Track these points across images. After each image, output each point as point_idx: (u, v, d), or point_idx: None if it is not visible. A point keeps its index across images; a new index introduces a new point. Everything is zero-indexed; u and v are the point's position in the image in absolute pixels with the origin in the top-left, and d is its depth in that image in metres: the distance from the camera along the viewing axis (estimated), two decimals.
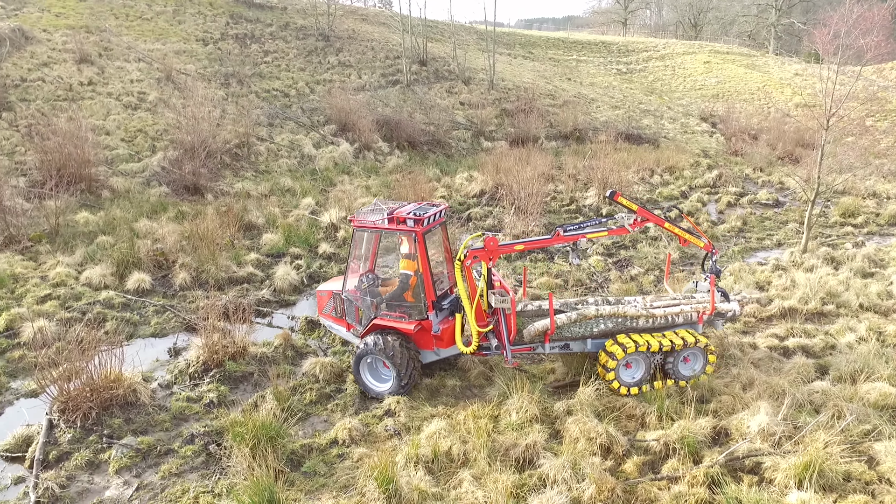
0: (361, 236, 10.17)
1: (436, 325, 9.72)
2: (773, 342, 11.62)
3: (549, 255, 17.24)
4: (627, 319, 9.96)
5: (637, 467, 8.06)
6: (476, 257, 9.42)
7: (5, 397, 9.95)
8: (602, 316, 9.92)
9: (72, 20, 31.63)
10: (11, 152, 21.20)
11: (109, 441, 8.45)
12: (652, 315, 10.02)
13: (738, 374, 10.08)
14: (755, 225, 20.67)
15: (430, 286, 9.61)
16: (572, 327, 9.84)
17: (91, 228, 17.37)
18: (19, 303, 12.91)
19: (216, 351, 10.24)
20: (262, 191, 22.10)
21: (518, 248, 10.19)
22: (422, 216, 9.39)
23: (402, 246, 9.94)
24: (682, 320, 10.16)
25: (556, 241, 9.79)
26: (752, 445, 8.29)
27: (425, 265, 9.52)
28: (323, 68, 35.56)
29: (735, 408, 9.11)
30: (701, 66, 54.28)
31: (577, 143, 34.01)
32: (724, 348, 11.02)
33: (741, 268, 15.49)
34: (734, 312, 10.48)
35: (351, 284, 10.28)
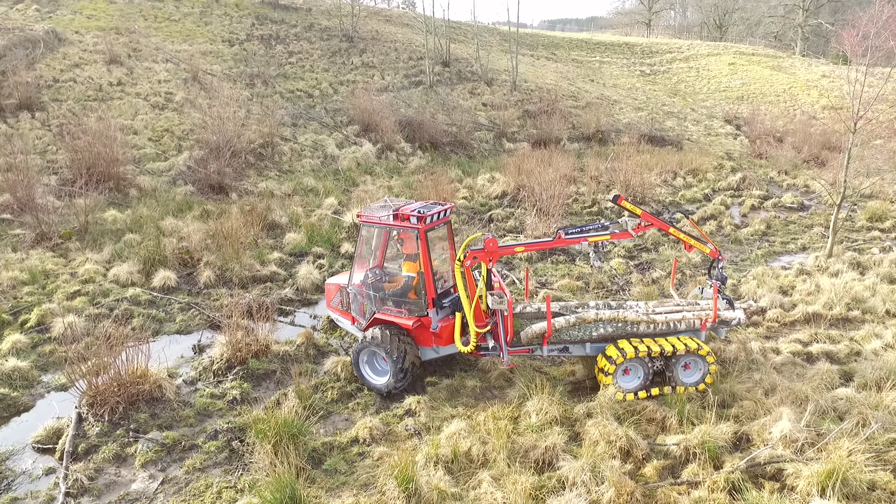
0: (369, 232, 10.36)
1: (435, 323, 9.80)
2: (796, 347, 11.50)
3: (571, 258, 17.22)
4: (628, 324, 9.92)
5: (657, 471, 8.04)
6: (476, 258, 9.51)
7: (37, 390, 10.20)
8: (601, 320, 9.90)
9: (102, 22, 32.22)
10: (44, 151, 21.66)
11: (136, 435, 8.65)
12: (652, 321, 9.94)
13: (760, 379, 9.99)
14: (779, 229, 20.44)
15: (431, 283, 9.71)
16: (571, 330, 9.84)
17: (119, 226, 17.70)
18: (50, 298, 13.21)
19: (239, 349, 10.40)
20: (286, 190, 22.33)
21: (518, 249, 10.28)
22: (425, 214, 9.49)
23: (406, 246, 10.05)
24: (685, 327, 10.07)
25: (557, 243, 9.83)
26: (774, 451, 8.22)
27: (426, 262, 9.61)
28: (346, 69, 35.80)
29: (757, 413, 9.04)
30: (726, 67, 53.71)
31: (600, 144, 33.88)
32: (747, 353, 10.93)
33: (764, 272, 15.33)
34: (739, 321, 10.31)
35: (357, 279, 10.43)
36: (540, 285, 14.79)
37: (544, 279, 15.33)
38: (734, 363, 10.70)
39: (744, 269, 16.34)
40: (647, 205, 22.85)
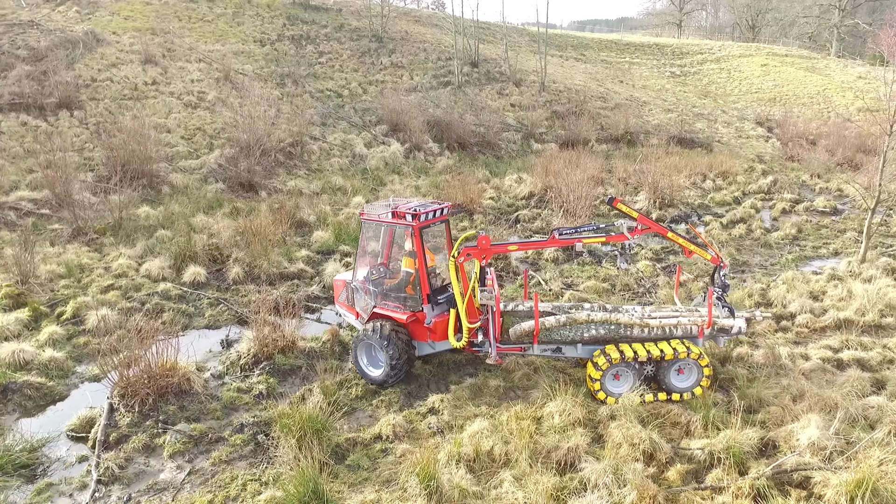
0: (370, 229, 10.65)
1: (430, 318, 9.98)
2: (826, 354, 11.30)
3: (598, 259, 17.13)
4: (621, 327, 9.81)
5: (680, 476, 7.98)
6: (469, 255, 9.64)
7: (71, 380, 10.49)
8: (593, 322, 9.82)
9: (139, 23, 32.89)
10: (81, 148, 22.20)
11: (164, 426, 8.84)
12: (646, 325, 9.80)
13: (787, 385, 9.84)
14: (811, 233, 20.08)
15: (425, 279, 9.90)
16: (562, 330, 9.79)
17: (151, 222, 18.07)
18: (85, 292, 13.55)
19: (266, 344, 10.56)
20: (314, 189, 22.57)
21: (511, 248, 10.34)
22: (419, 212, 9.70)
23: (406, 243, 10.26)
24: (681, 333, 9.91)
25: (551, 243, 9.94)
26: (801, 459, 8.11)
27: (421, 258, 9.81)
28: (376, 69, 36.03)
29: (784, 420, 8.92)
30: (758, 69, 52.87)
31: (628, 146, 33.63)
32: (775, 358, 10.77)
33: (794, 276, 15.08)
34: (740, 329, 10.09)
35: (361, 275, 10.69)
36: (566, 286, 14.74)
37: (570, 280, 15.29)
38: (761, 368, 10.56)
39: (773, 273, 16.09)
40: (675, 207, 22.62)
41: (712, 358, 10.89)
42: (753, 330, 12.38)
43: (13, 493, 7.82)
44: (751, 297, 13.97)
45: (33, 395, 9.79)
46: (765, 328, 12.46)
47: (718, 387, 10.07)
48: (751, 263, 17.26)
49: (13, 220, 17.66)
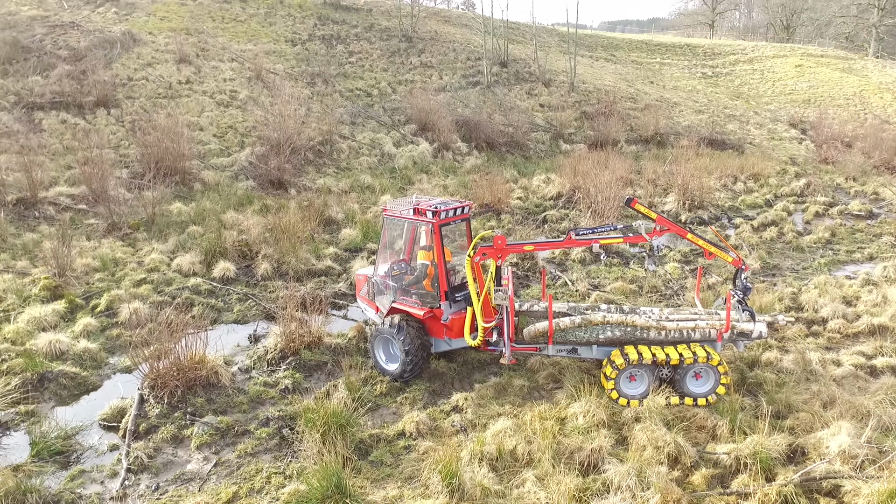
0: (392, 224, 10.77)
1: (447, 315, 10.02)
2: (859, 360, 11.06)
3: (625, 260, 16.99)
4: (637, 329, 9.69)
5: (705, 480, 7.89)
6: (485, 254, 9.66)
7: (104, 371, 10.75)
8: (609, 323, 9.68)
9: (174, 23, 33.50)
10: (117, 146, 22.70)
11: (192, 418, 9.01)
12: (662, 327, 9.67)
13: (818, 391, 9.67)
14: (845, 237, 19.65)
15: (444, 276, 9.95)
16: (577, 331, 9.74)
17: (183, 218, 18.40)
18: (118, 285, 13.87)
19: (293, 340, 10.70)
20: (343, 187, 22.76)
21: (527, 248, 10.30)
22: (440, 209, 9.77)
23: (421, 238, 10.39)
24: (699, 336, 9.74)
25: (567, 244, 9.85)
26: (831, 467, 7.96)
27: (440, 256, 9.84)
28: (405, 69, 36.18)
29: (814, 426, 8.76)
30: (792, 69, 51.91)
31: (658, 147, 33.30)
32: (805, 363, 10.58)
33: (827, 281, 14.78)
34: (760, 333, 9.86)
35: (382, 270, 10.81)
36: (592, 287, 14.66)
37: (597, 281, 15.19)
38: (791, 373, 10.39)
39: (805, 277, 15.80)
40: (704, 209, 22.32)
41: (739, 362, 10.75)
42: (783, 335, 12.19)
43: (48, 478, 8.04)
44: (781, 301, 13.73)
45: (68, 384, 10.06)
46: (795, 333, 12.25)
47: (746, 391, 9.93)
48: (782, 267, 16.97)
49: (52, 214, 18.13)
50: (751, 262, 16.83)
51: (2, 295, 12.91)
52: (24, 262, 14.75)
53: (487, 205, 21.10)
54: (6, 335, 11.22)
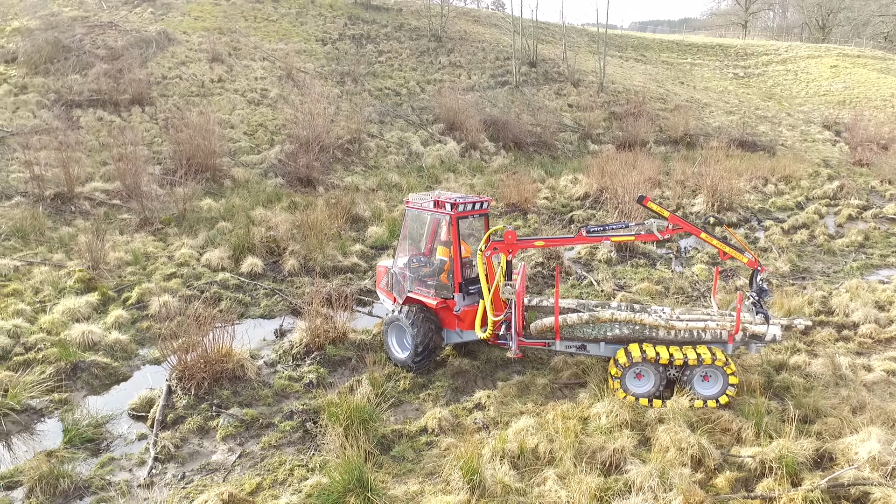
0: (415, 218, 10.99)
1: (459, 306, 10.19)
2: (891, 366, 10.82)
3: (651, 261, 16.85)
4: (646, 328, 9.58)
5: (729, 483, 7.80)
6: (496, 249, 9.77)
7: (134, 362, 10.98)
8: (617, 321, 9.62)
9: (207, 22, 34.05)
10: (150, 143, 23.16)
11: (218, 410, 9.16)
12: (671, 327, 9.55)
13: (847, 396, 9.49)
14: (879, 241, 19.23)
15: (458, 268, 10.10)
16: (584, 328, 9.71)
17: (213, 214, 18.71)
18: (149, 278, 14.15)
19: (318, 335, 10.81)
20: (370, 185, 22.93)
21: (538, 244, 10.35)
22: (458, 202, 9.95)
23: (442, 232, 10.57)
24: (710, 337, 9.59)
25: (577, 240, 9.87)
26: (859, 473, 7.80)
27: (456, 248, 10.00)
28: (434, 68, 36.29)
29: (842, 431, 8.60)
30: (827, 70, 50.92)
31: (688, 148, 32.95)
32: (835, 368, 10.39)
33: (859, 285, 14.48)
34: (774, 337, 9.63)
35: (401, 262, 11.00)
36: (618, 288, 14.56)
37: (623, 282, 15.09)
38: (819, 378, 10.21)
39: (836, 281, 15.50)
40: (734, 211, 22.02)
41: (766, 365, 10.60)
42: (812, 338, 11.98)
43: (80, 464, 8.25)
44: (811, 304, 13.49)
45: (99, 374, 10.30)
46: (824, 337, 12.04)
47: (773, 394, 9.78)
48: (812, 270, 16.68)
49: (87, 209, 18.57)
50: (780, 265, 16.58)
51: (39, 286, 13.27)
52: (60, 255, 15.13)
53: (514, 204, 21.08)
54: (42, 325, 11.52)
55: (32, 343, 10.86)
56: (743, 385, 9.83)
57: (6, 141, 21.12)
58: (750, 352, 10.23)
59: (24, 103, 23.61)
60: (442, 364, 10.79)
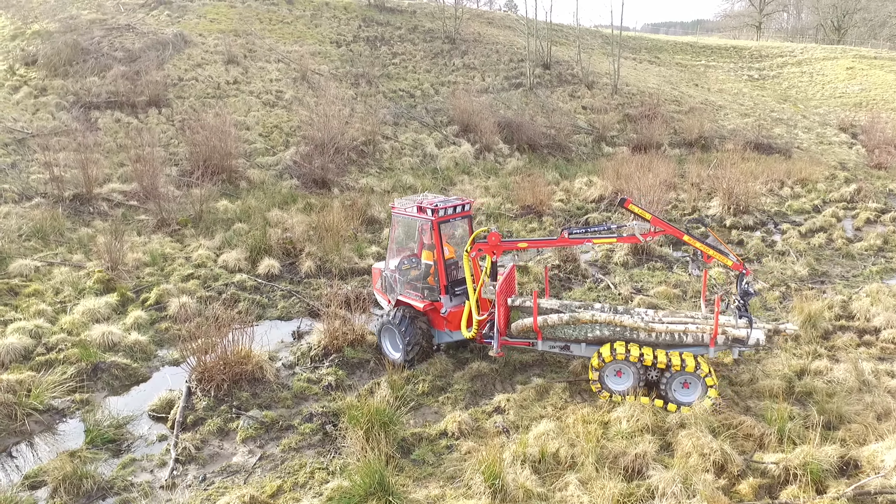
0: (402, 222, 11.28)
1: (446, 308, 10.48)
2: None
3: (668, 264, 16.74)
4: (626, 330, 9.56)
5: (752, 490, 7.72)
6: (481, 250, 10.00)
7: (153, 363, 11.05)
8: (597, 322, 9.63)
9: (223, 25, 34.25)
10: (167, 144, 23.31)
11: (238, 412, 9.19)
12: (651, 329, 9.53)
13: (871, 402, 9.38)
14: None
15: (443, 271, 10.38)
16: (566, 329, 9.75)
17: (229, 216, 18.80)
18: (167, 279, 14.24)
19: (336, 337, 10.83)
20: (385, 187, 22.95)
21: (521, 245, 10.45)
22: (439, 206, 10.16)
23: (425, 237, 10.78)
24: (691, 340, 9.51)
25: (560, 242, 9.99)
26: (886, 481, 7.70)
27: (439, 251, 10.25)
28: (448, 70, 36.30)
29: (867, 438, 8.50)
30: (843, 72, 50.44)
31: (702, 150, 32.75)
32: (858, 374, 10.27)
33: (879, 289, 14.31)
34: (758, 341, 9.49)
35: (392, 264, 11.26)
36: (635, 291, 14.48)
37: (640, 286, 15.00)
38: (842, 383, 10.09)
39: (855, 285, 15.33)
40: (750, 214, 21.83)
41: (787, 370, 10.49)
42: (832, 343, 11.85)
43: (102, 464, 8.30)
44: (831, 308, 13.33)
45: (119, 374, 10.37)
46: (846, 342, 11.91)
47: (795, 400, 9.68)
48: (831, 274, 16.50)
49: (105, 210, 18.73)
50: (798, 269, 16.43)
51: (59, 287, 13.40)
52: (79, 256, 15.26)
53: (529, 206, 21.02)
54: (63, 326, 11.63)
55: (54, 343, 10.96)
56: (764, 390, 9.74)
57: (27, 142, 21.34)
58: (733, 356, 10.05)
59: (44, 105, 23.85)
60: (461, 366, 10.77)
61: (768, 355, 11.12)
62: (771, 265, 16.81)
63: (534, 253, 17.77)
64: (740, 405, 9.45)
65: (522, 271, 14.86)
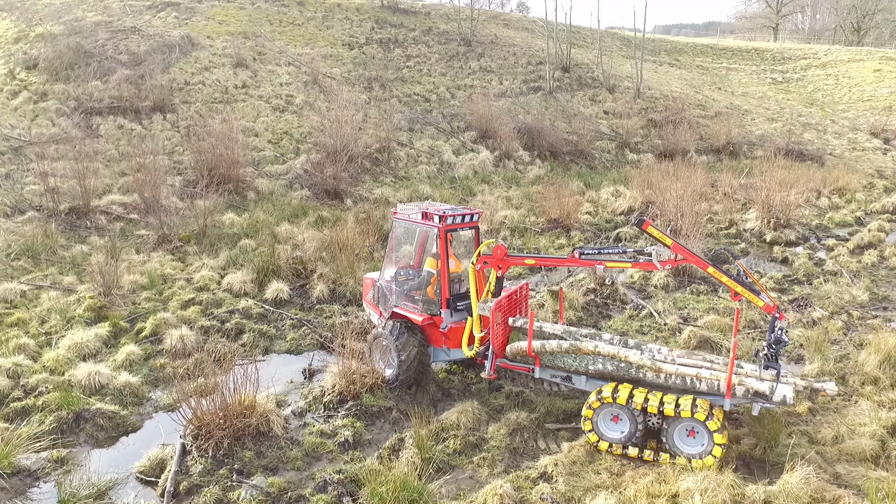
0: (403, 229, 10.69)
1: (446, 323, 9.85)
2: None
3: (713, 287, 15.29)
4: (632, 367, 8.50)
5: None
6: (486, 263, 9.50)
7: (145, 409, 9.73)
8: (600, 354, 8.65)
9: (232, 27, 33.09)
10: (172, 151, 22.11)
11: (239, 479, 7.74)
12: (658, 370, 8.34)
13: None
14: None
15: (446, 284, 9.77)
16: (566, 358, 8.93)
17: (235, 230, 17.54)
18: (165, 306, 12.96)
19: (353, 381, 9.46)
20: (401, 197, 21.61)
21: (528, 262, 10.08)
22: (447, 214, 9.62)
23: (430, 245, 10.23)
24: (705, 388, 8.24)
25: (570, 262, 9.35)
26: None
27: (444, 262, 9.68)
28: (464, 73, 34.99)
29: None
30: (870, 74, 48.83)
31: (731, 158, 31.33)
32: None
33: None
34: (784, 398, 7.94)
35: (388, 275, 10.58)
36: (682, 320, 13.05)
37: (685, 312, 13.56)
38: None
39: None
40: (791, 228, 20.34)
41: (878, 425, 9.00)
42: None
43: None
44: None
45: (105, 425, 9.04)
46: None
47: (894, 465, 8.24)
48: (893, 299, 15.00)
49: (104, 224, 17.52)
50: (857, 293, 14.93)
51: (45, 315, 12.12)
52: (71, 278, 14.02)
53: (556, 220, 19.65)
54: (46, 363, 10.35)
55: (33, 385, 9.68)
56: (854, 451, 8.31)
57: (23, 151, 20.20)
58: (753, 412, 8.49)
59: (44, 111, 22.74)
60: (495, 416, 9.39)
61: (847, 403, 9.70)
62: (825, 288, 15.33)
63: (564, 274, 16.50)
64: (828, 471, 8.01)
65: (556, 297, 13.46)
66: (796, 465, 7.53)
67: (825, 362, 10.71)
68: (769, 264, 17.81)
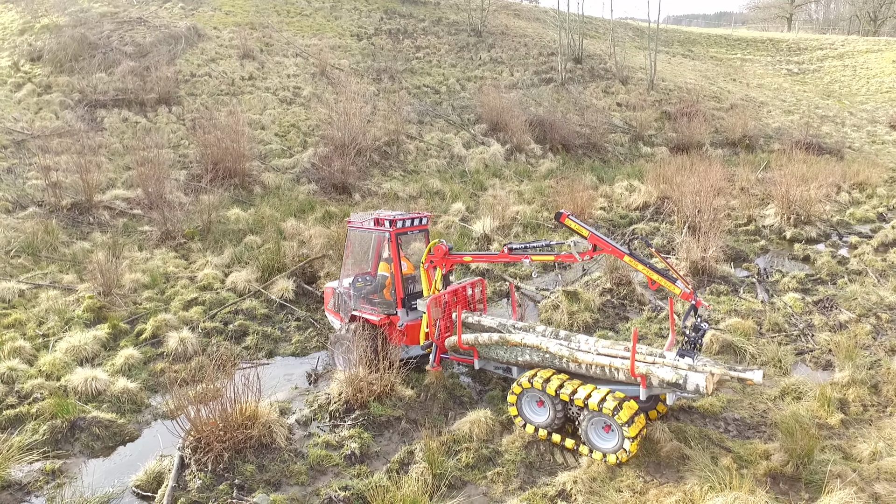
0: (357, 237, 11.00)
1: (402, 321, 10.25)
2: None
3: (733, 287, 14.75)
4: (555, 358, 8.69)
5: None
6: (432, 262, 10.01)
7: (144, 416, 9.33)
8: (525, 345, 8.95)
9: (239, 17, 32.60)
10: (177, 145, 21.69)
11: (240, 496, 7.32)
12: (575, 359, 8.45)
13: None
14: None
15: (400, 284, 10.26)
16: (497, 350, 9.31)
17: (240, 226, 17.11)
18: (167, 306, 12.55)
19: (360, 389, 9.01)
20: (411, 192, 21.14)
21: (466, 259, 10.44)
22: (396, 219, 10.14)
23: (384, 251, 10.63)
24: (623, 377, 8.13)
25: (501, 258, 9.77)
26: None
27: (396, 264, 10.17)
28: (474, 65, 34.39)
29: None
30: (889, 65, 47.85)
31: (747, 151, 30.60)
32: None
33: None
34: (697, 387, 7.65)
35: (346, 282, 10.92)
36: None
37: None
38: None
39: None
40: (812, 225, 19.69)
41: None
42: None
43: None
44: None
45: (102, 434, 8.64)
46: None
47: None
48: None
49: (107, 220, 17.14)
50: (885, 294, 14.34)
51: (43, 316, 11.73)
52: (71, 276, 13.63)
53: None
54: (42, 367, 9.97)
55: (28, 391, 9.30)
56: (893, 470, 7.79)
57: (26, 144, 19.83)
58: (669, 402, 8.23)
59: (47, 104, 22.37)
60: (509, 427, 8.93)
61: (882, 414, 9.17)
62: (850, 288, 14.73)
63: (578, 274, 15.98)
64: (866, 490, 7.51)
65: (572, 298, 12.96)
66: (835, 485, 7.02)
67: (856, 370, 10.16)
68: (790, 262, 17.22)
